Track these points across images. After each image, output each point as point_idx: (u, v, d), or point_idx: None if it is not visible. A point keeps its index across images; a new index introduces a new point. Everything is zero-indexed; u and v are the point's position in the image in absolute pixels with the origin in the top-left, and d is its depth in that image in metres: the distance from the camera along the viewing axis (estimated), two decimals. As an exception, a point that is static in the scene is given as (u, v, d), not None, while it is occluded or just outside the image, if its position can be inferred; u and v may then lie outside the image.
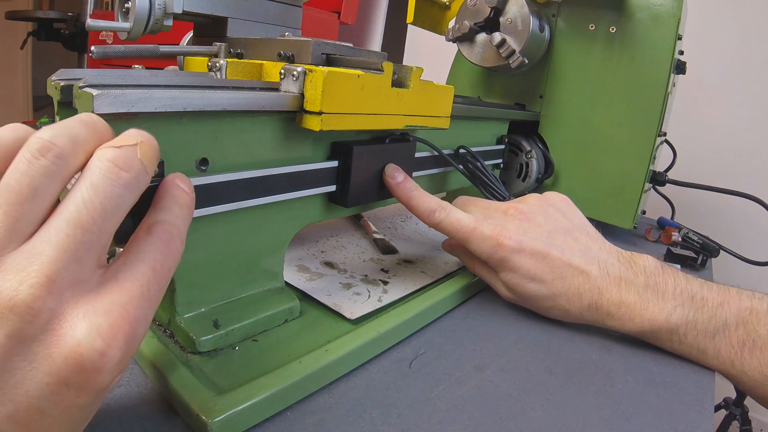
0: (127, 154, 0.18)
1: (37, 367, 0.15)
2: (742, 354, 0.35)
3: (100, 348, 0.16)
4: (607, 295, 0.37)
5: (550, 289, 0.38)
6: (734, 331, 0.35)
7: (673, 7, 0.57)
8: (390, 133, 0.40)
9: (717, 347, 0.35)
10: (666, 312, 0.36)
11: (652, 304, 0.36)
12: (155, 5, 0.33)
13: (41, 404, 0.15)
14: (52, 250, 0.16)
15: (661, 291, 0.36)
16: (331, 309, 0.36)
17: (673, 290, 0.36)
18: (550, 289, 0.38)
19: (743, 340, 0.35)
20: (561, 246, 0.38)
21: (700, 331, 0.35)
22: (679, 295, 0.36)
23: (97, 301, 0.16)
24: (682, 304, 0.36)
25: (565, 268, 0.37)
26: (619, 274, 0.37)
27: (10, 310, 0.15)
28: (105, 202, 0.17)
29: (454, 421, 0.28)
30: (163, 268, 0.18)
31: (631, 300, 0.36)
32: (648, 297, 0.36)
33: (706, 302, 0.36)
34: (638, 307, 0.36)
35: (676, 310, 0.35)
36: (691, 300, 0.36)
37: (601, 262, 0.38)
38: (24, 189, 0.16)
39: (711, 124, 1.16)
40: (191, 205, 0.21)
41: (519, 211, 0.40)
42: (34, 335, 0.15)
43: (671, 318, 0.35)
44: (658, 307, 0.36)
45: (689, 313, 0.35)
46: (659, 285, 0.37)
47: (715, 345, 0.35)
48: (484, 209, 0.42)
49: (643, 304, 0.36)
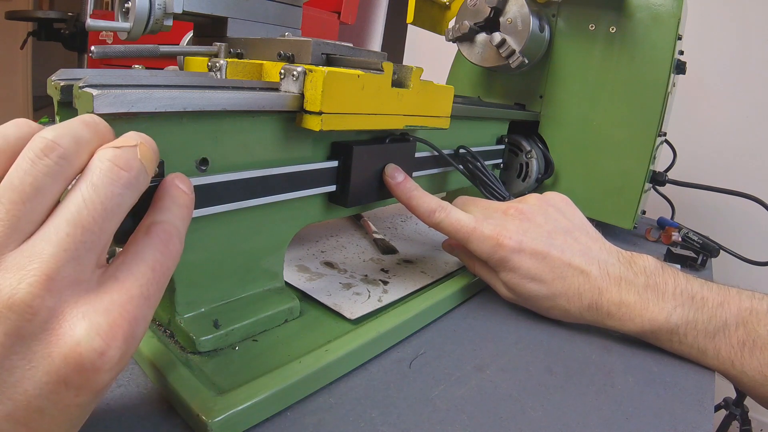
0: (127, 154, 0.18)
1: (36, 366, 0.15)
2: (742, 354, 0.35)
3: (99, 348, 0.16)
4: (607, 296, 0.37)
5: (550, 289, 0.38)
6: (734, 332, 0.35)
7: (673, 7, 0.57)
8: (390, 133, 0.40)
9: (717, 347, 0.35)
10: (666, 312, 0.36)
11: (653, 304, 0.36)
12: (155, 5, 0.33)
13: (40, 403, 0.16)
14: (52, 249, 0.16)
15: (661, 291, 0.36)
16: (331, 309, 0.36)
17: (673, 290, 0.36)
18: (550, 289, 0.38)
19: (743, 341, 0.35)
20: (561, 246, 0.38)
21: (700, 331, 0.35)
22: (679, 295, 0.36)
23: (97, 301, 0.16)
24: (682, 304, 0.36)
25: (565, 268, 0.38)
26: (620, 274, 0.37)
27: (8, 308, 0.15)
28: (105, 202, 0.17)
29: (454, 421, 0.28)
30: (162, 267, 0.18)
31: (631, 300, 0.36)
32: (648, 297, 0.36)
33: (706, 302, 0.36)
34: (638, 308, 0.36)
35: (676, 311, 0.36)
36: (691, 300, 0.36)
37: (602, 262, 0.38)
38: (27, 188, 0.16)
39: (711, 124, 1.16)
40: (190, 205, 0.21)
41: (519, 211, 0.40)
42: (33, 334, 0.15)
43: (671, 318, 0.35)
44: (658, 307, 0.36)
45: (689, 313, 0.35)
46: (659, 285, 0.37)
47: (715, 345, 0.35)
48: (484, 209, 0.42)
49: (644, 305, 0.36)
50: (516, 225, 0.39)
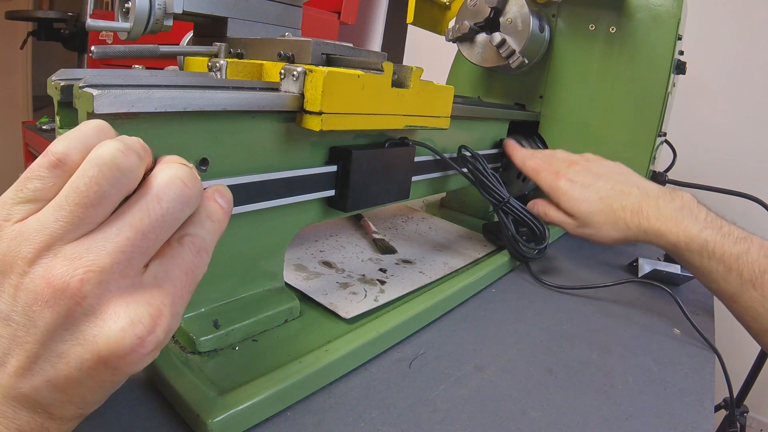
0: (190, 171, 0.20)
1: (81, 344, 0.17)
2: (762, 279, 0.39)
3: (140, 334, 0.18)
4: (646, 210, 0.45)
5: (600, 208, 0.47)
6: (756, 258, 0.39)
7: (673, 7, 0.57)
8: (390, 134, 0.40)
9: (740, 268, 0.40)
10: (698, 228, 0.42)
11: (687, 220, 0.43)
12: (155, 5, 0.33)
13: (79, 375, 0.18)
14: (111, 248, 0.18)
15: (694, 214, 0.44)
16: (329, 309, 0.36)
17: (705, 217, 0.43)
18: (600, 208, 0.47)
19: (764, 268, 0.39)
20: (605, 178, 0.49)
21: (726, 250, 0.41)
22: (710, 222, 0.43)
23: (139, 296, 0.18)
24: (710, 227, 0.42)
25: (611, 191, 0.48)
26: (658, 194, 0.46)
27: (62, 291, 0.17)
28: (166, 215, 0.19)
29: (454, 421, 0.28)
30: (194, 273, 0.20)
31: (668, 214, 0.44)
32: (684, 215, 0.44)
33: (732, 233, 0.42)
34: (675, 220, 0.44)
35: (706, 230, 0.42)
36: (719, 228, 0.42)
37: (641, 186, 0.48)
38: (92, 195, 0.17)
39: (711, 125, 1.16)
40: (224, 219, 0.22)
41: (574, 162, 0.53)
42: (82, 315, 0.17)
43: (702, 233, 0.42)
44: (691, 223, 0.43)
45: (717, 236, 0.42)
46: (693, 210, 0.44)
47: (738, 266, 0.40)
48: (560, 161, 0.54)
49: (679, 219, 0.44)
50: (573, 169, 0.52)
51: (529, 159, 0.56)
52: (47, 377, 0.17)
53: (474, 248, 0.53)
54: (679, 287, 0.55)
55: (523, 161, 0.56)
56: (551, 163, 0.54)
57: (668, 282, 0.54)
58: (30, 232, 0.17)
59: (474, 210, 0.66)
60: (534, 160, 0.55)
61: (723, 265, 0.40)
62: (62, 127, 0.24)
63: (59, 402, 0.18)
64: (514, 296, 0.46)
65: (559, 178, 0.51)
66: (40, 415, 0.18)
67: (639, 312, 0.47)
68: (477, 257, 0.51)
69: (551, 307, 0.45)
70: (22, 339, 0.17)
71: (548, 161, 0.54)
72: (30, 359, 0.17)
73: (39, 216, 0.18)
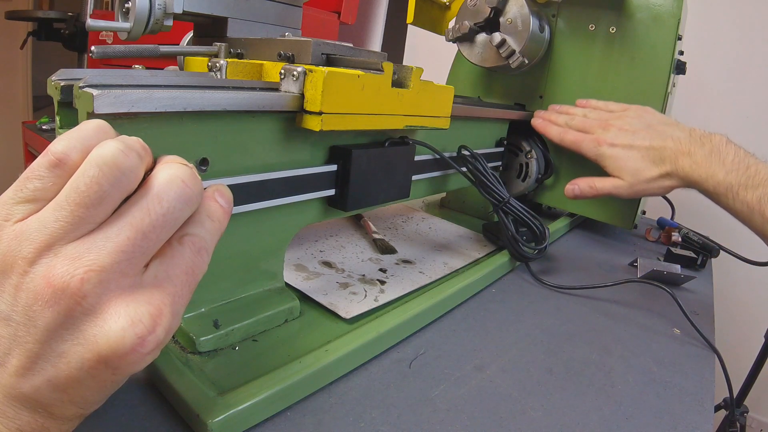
0: (191, 171, 0.20)
1: (81, 344, 0.17)
2: None
3: (140, 334, 0.18)
4: (682, 160, 0.50)
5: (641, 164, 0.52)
6: None
7: (673, 7, 0.57)
8: (390, 134, 0.40)
9: (762, 209, 0.44)
10: (724, 172, 0.47)
11: (715, 165, 0.48)
12: (155, 5, 0.33)
13: (80, 375, 0.18)
14: (112, 247, 0.17)
15: (722, 158, 0.48)
16: (328, 309, 0.36)
17: (732, 159, 0.48)
18: (642, 164, 0.52)
19: None
20: (642, 136, 0.53)
21: (749, 191, 0.45)
22: (737, 164, 0.47)
23: (139, 295, 0.18)
24: (737, 169, 0.47)
25: (651, 149, 0.52)
26: (690, 140, 0.51)
27: (62, 290, 0.17)
28: (167, 215, 0.19)
29: (454, 421, 0.28)
30: (194, 273, 0.20)
31: (699, 161, 0.49)
32: (712, 161, 0.48)
33: (759, 173, 0.46)
34: (705, 167, 0.48)
35: (731, 173, 0.47)
36: (746, 169, 0.47)
37: (675, 137, 0.52)
38: (92, 195, 0.17)
39: (711, 125, 1.15)
40: (224, 219, 0.22)
41: (608, 124, 0.57)
42: (83, 315, 0.17)
43: (728, 177, 0.47)
44: (719, 168, 0.47)
45: (742, 178, 0.46)
46: (722, 154, 0.48)
47: (761, 207, 0.44)
48: None
49: (708, 165, 0.48)
50: (610, 132, 0.56)
51: (565, 134, 0.59)
52: (48, 377, 0.17)
53: (474, 248, 0.53)
54: (679, 287, 0.55)
55: (561, 138, 0.59)
56: (586, 130, 0.58)
57: (668, 282, 0.54)
58: (30, 232, 0.17)
59: (474, 210, 0.66)
60: (570, 134, 0.59)
61: (747, 206, 0.45)
62: (62, 127, 0.24)
63: (60, 402, 0.18)
64: (514, 296, 0.46)
65: (600, 145, 0.55)
66: (40, 414, 0.18)
67: (639, 312, 0.47)
68: (477, 257, 0.51)
69: (551, 307, 0.45)
70: (23, 339, 0.17)
71: (583, 129, 0.58)
72: (30, 359, 0.17)
73: (39, 216, 0.18)
